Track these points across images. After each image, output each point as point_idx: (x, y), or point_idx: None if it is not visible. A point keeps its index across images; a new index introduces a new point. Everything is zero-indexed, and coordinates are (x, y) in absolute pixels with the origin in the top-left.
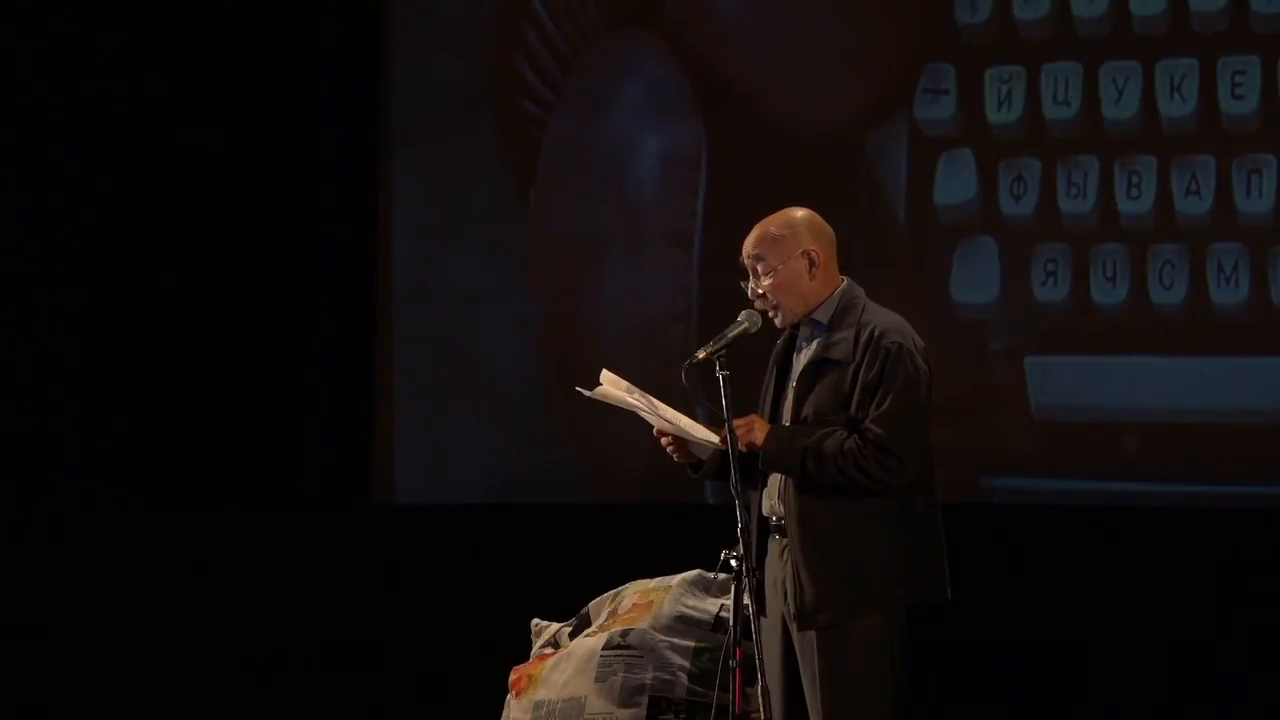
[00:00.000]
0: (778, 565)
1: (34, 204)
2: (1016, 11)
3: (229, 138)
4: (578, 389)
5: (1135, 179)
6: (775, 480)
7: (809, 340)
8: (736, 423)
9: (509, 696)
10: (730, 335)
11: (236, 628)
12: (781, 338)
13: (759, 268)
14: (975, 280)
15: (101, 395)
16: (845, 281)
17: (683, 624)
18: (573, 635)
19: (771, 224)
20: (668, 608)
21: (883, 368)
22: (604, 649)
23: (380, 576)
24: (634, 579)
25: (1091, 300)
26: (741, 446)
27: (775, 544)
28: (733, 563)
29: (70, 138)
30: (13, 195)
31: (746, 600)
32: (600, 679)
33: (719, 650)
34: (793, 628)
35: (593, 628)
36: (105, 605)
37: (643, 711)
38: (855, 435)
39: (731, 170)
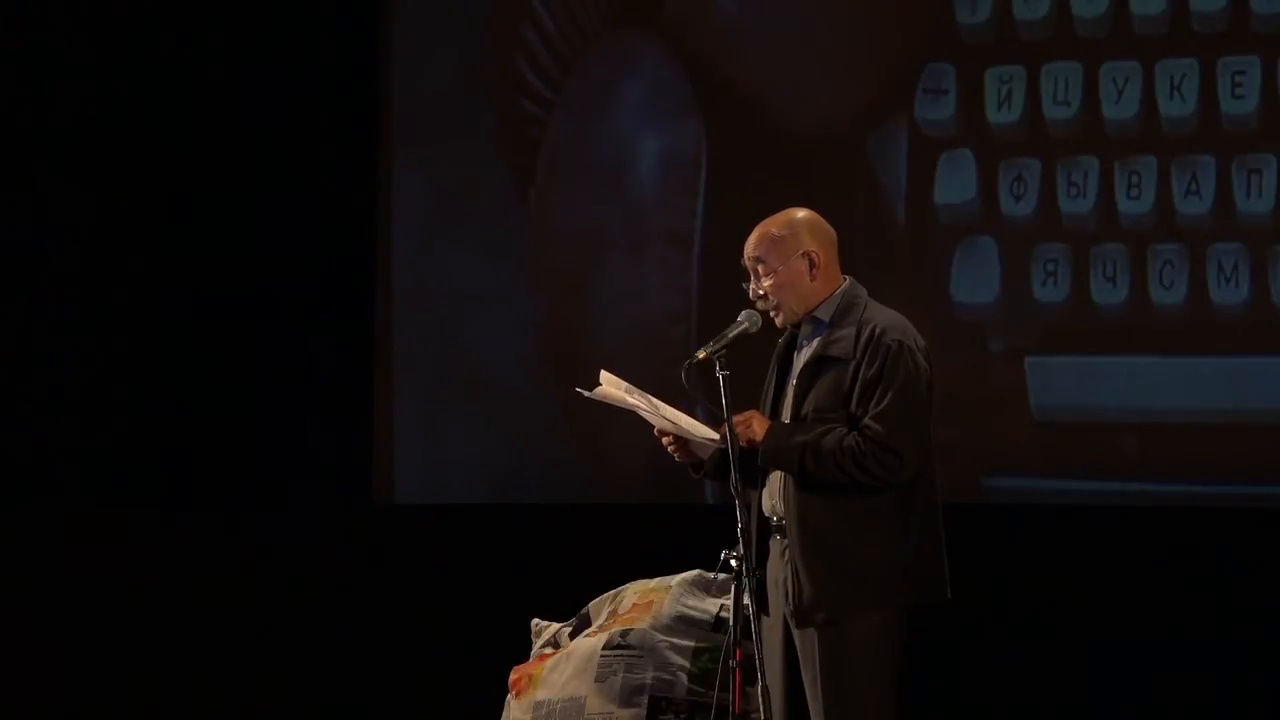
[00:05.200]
0: (779, 565)
1: (34, 204)
2: (1016, 11)
3: (229, 137)
4: (577, 390)
5: (1135, 179)
6: (776, 479)
7: (810, 338)
8: (736, 419)
9: (509, 696)
10: (730, 335)
11: (236, 628)
12: (783, 336)
13: (760, 269)
14: (975, 280)
15: (102, 395)
16: (847, 281)
17: (683, 624)
18: (573, 635)
19: (772, 225)
20: (668, 608)
21: (883, 365)
22: (604, 649)
23: (380, 576)
24: (634, 579)
25: (1091, 300)
26: (741, 442)
27: (776, 544)
28: (733, 563)
29: (70, 137)
30: (13, 195)
31: (746, 600)
32: (600, 679)
33: (719, 650)
34: (792, 624)
35: (593, 628)
36: (105, 605)
37: (643, 711)
38: (855, 432)
39: (731, 170)
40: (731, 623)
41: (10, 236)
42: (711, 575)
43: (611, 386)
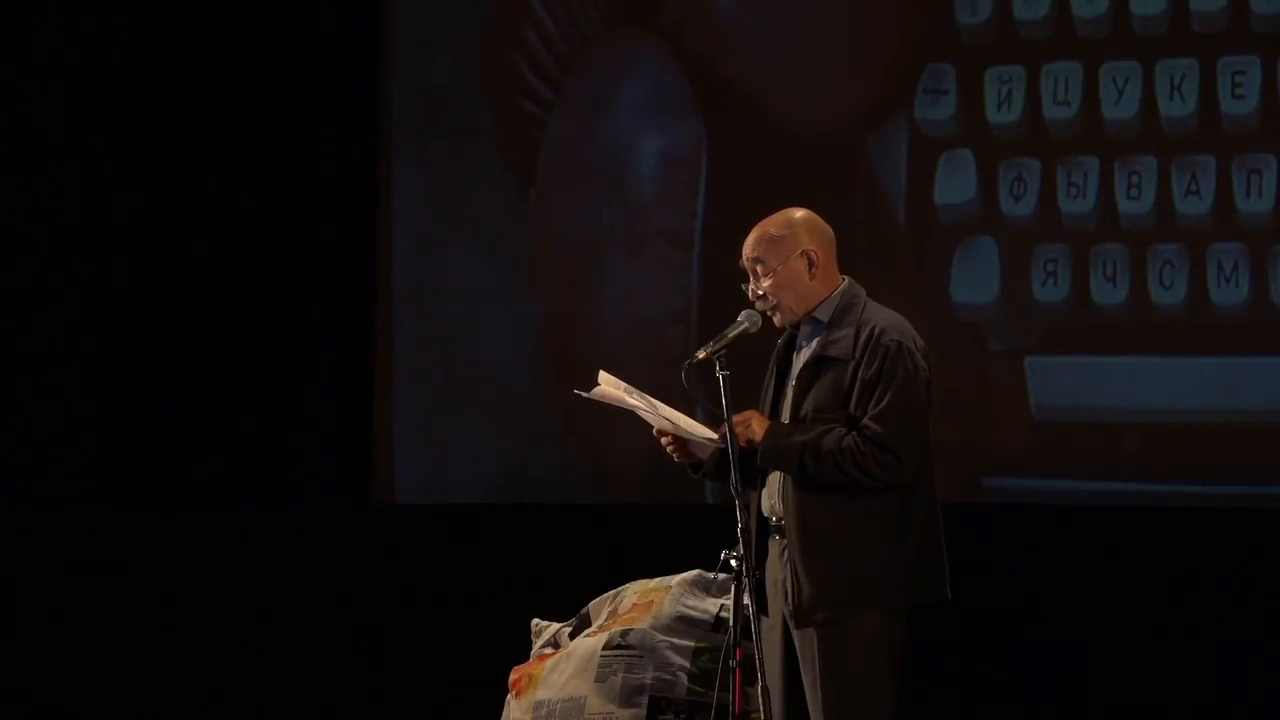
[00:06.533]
0: (778, 565)
1: (34, 204)
2: (1016, 11)
3: (229, 138)
4: (576, 391)
5: (1135, 179)
6: (775, 480)
7: (809, 339)
8: (735, 419)
9: (509, 696)
10: (730, 335)
11: (236, 628)
12: (782, 337)
13: (759, 269)
14: (975, 280)
15: (102, 395)
16: (846, 281)
17: (683, 624)
18: (573, 635)
19: (770, 225)
20: (668, 608)
21: (882, 365)
22: (604, 649)
23: (380, 576)
24: (634, 579)
25: (1091, 300)
26: (741, 442)
27: (775, 544)
28: (733, 563)
29: (71, 137)
30: (13, 196)
31: (746, 600)
32: (600, 679)
33: (719, 650)
34: (792, 625)
35: (593, 628)
36: (105, 605)
37: (643, 711)
38: (854, 432)
39: (731, 170)
40: (731, 623)
41: (10, 237)
42: (711, 575)
43: (610, 386)
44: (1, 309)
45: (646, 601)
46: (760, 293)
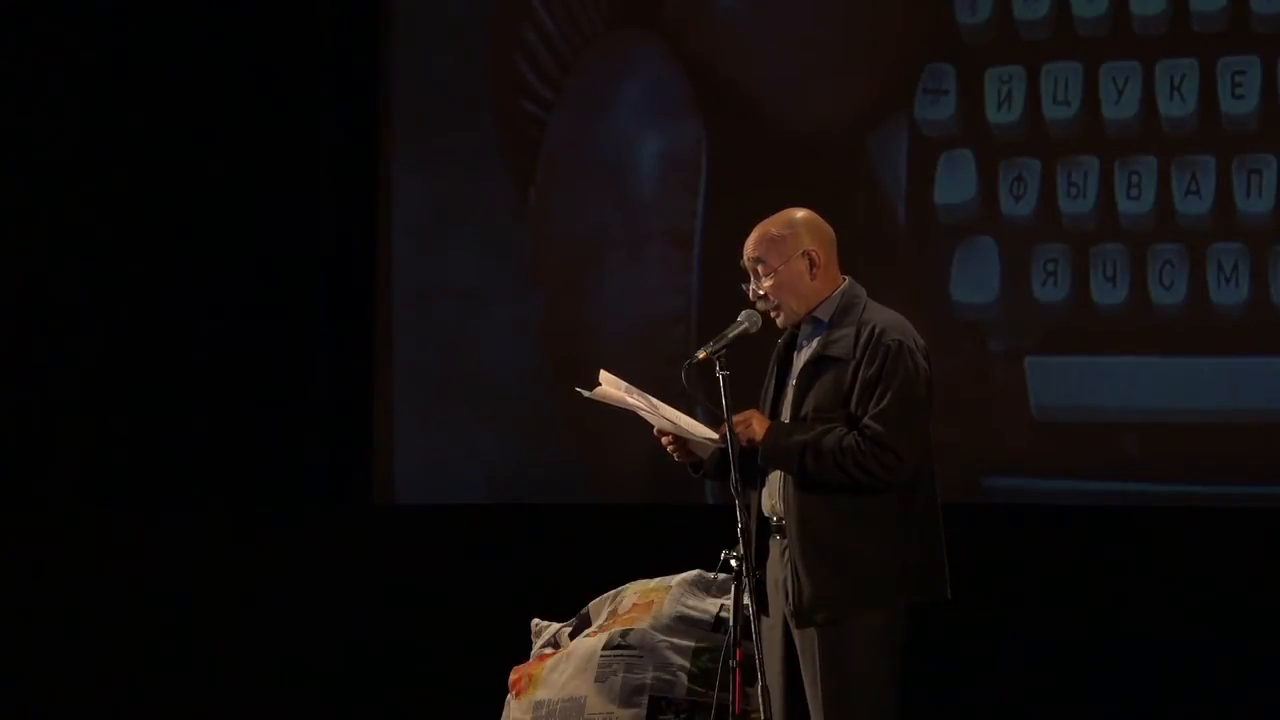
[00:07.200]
0: (779, 565)
1: (33, 204)
2: (1016, 11)
3: (229, 138)
4: (577, 390)
5: (1135, 179)
6: (776, 479)
7: (810, 338)
8: (735, 419)
9: (509, 696)
10: (730, 335)
11: (236, 628)
12: (783, 337)
13: (760, 269)
14: (975, 280)
15: (101, 395)
16: (847, 281)
17: (683, 624)
18: (573, 635)
19: (771, 225)
20: (668, 608)
21: (882, 365)
22: (604, 649)
23: (380, 576)
24: (634, 579)
25: (1091, 300)
26: (741, 442)
27: (776, 544)
28: (733, 563)
29: (71, 137)
30: (12, 196)
31: (746, 600)
32: (600, 679)
33: (719, 650)
34: (792, 624)
35: (593, 628)
36: (105, 605)
37: (643, 711)
38: (854, 432)
39: (731, 170)
40: (731, 623)
41: (10, 237)
42: (711, 575)
43: (611, 386)
44: (1, 309)
45: (646, 601)
46: (761, 293)
